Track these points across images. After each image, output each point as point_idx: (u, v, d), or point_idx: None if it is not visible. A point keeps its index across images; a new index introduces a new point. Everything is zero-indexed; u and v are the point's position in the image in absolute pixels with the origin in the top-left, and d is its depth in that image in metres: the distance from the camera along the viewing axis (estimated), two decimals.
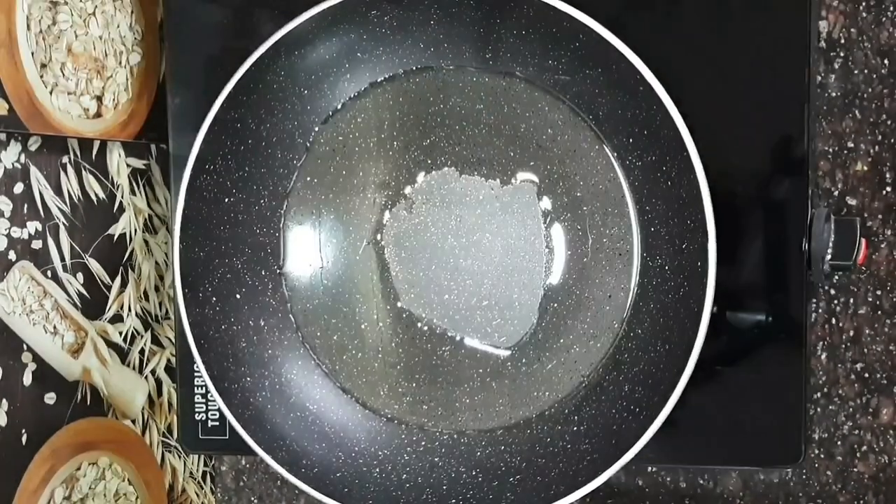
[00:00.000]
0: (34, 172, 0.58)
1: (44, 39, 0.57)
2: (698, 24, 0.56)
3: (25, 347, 0.57)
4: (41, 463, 0.58)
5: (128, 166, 0.64)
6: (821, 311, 0.62)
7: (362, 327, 0.59)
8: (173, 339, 0.66)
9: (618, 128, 0.54)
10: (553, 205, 0.56)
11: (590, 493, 0.52)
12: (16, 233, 0.57)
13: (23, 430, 0.57)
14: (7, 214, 0.56)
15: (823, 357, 0.62)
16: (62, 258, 0.60)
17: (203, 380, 0.57)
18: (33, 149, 0.58)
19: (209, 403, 0.63)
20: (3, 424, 0.56)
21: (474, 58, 0.56)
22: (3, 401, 0.56)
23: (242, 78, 0.54)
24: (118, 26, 0.62)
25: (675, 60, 0.55)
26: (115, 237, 0.64)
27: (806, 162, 0.55)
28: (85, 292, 0.61)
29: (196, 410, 0.63)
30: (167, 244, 0.67)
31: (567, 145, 0.56)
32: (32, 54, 0.56)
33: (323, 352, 0.59)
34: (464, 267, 0.58)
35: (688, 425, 0.57)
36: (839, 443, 0.62)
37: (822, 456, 0.62)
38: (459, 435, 0.58)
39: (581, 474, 0.53)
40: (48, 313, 0.59)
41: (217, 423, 0.63)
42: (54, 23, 0.58)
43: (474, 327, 0.58)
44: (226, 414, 0.56)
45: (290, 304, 0.59)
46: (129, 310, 0.64)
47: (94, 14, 0.60)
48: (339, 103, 0.58)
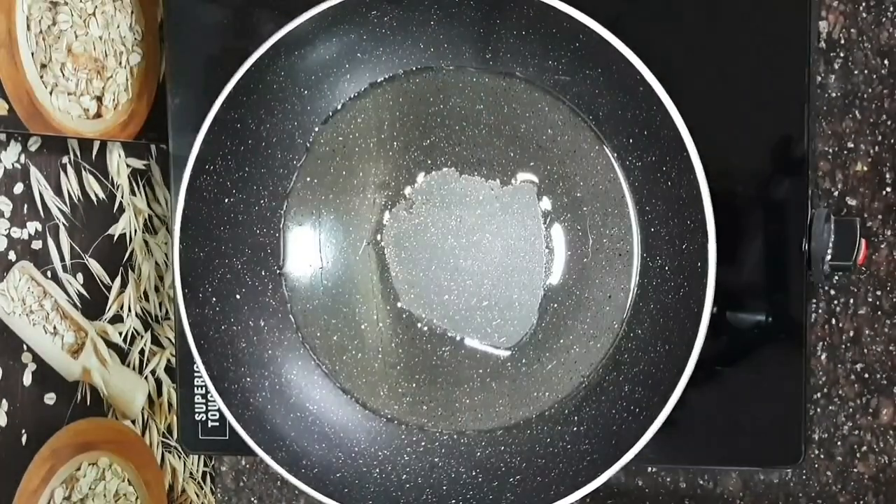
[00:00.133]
0: (34, 173, 0.58)
1: (44, 40, 0.57)
2: (698, 25, 0.56)
3: (25, 348, 0.57)
4: (41, 463, 0.58)
5: (128, 166, 0.64)
6: (821, 311, 0.62)
7: (362, 328, 0.59)
8: (173, 340, 0.66)
9: (618, 128, 0.54)
10: (553, 205, 0.56)
11: (590, 494, 0.52)
12: (16, 233, 0.57)
13: (23, 431, 0.57)
14: (7, 214, 0.56)
15: (823, 357, 0.62)
16: (62, 258, 0.60)
17: (203, 380, 0.56)
18: (33, 149, 0.58)
19: (209, 403, 0.63)
20: (3, 424, 0.56)
21: (474, 58, 0.56)
22: (3, 401, 0.56)
23: (242, 78, 0.54)
24: (118, 26, 0.62)
25: (675, 60, 0.55)
26: (115, 237, 0.63)
27: (806, 162, 0.55)
28: (85, 293, 0.61)
29: (196, 410, 0.63)
30: (167, 244, 0.67)
31: (567, 146, 0.56)
32: (32, 54, 0.56)
33: (323, 352, 0.59)
34: (464, 267, 0.58)
35: (688, 425, 0.57)
36: (839, 443, 0.62)
37: (822, 456, 0.62)
38: (459, 435, 0.58)
39: (581, 474, 0.53)
40: (48, 313, 0.59)
41: (217, 424, 0.63)
42: (54, 23, 0.58)
43: (474, 328, 0.58)
44: (226, 414, 0.56)
45: (290, 304, 0.59)
46: (129, 310, 0.64)
47: (94, 14, 0.60)
48: (339, 104, 0.58)
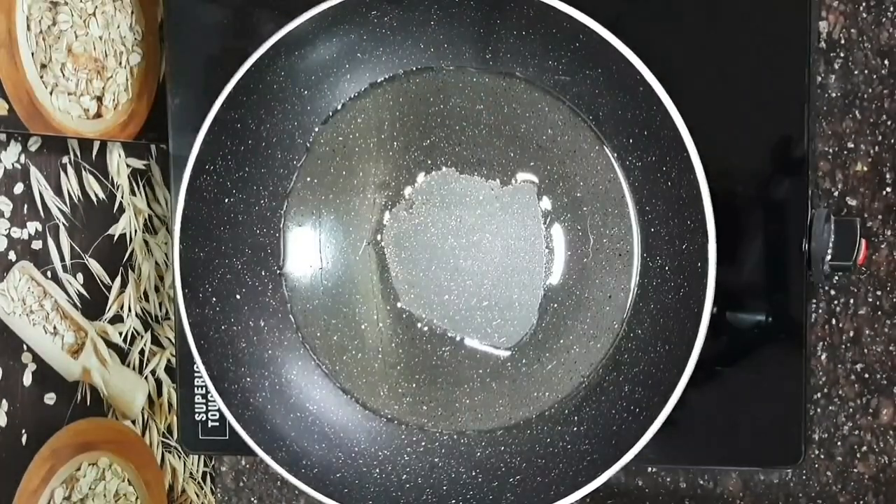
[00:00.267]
0: (34, 173, 0.58)
1: (44, 40, 0.57)
2: (698, 25, 0.56)
3: (25, 348, 0.57)
4: (41, 463, 0.58)
5: (128, 166, 0.64)
6: (821, 311, 0.62)
7: (362, 328, 0.59)
8: (173, 340, 0.66)
9: (618, 128, 0.54)
10: (553, 205, 0.56)
11: (590, 494, 0.52)
12: (16, 233, 0.57)
13: (23, 431, 0.57)
14: (7, 215, 0.56)
15: (823, 357, 0.62)
16: (62, 258, 0.60)
17: (203, 380, 0.56)
18: (33, 149, 0.58)
19: (209, 404, 0.63)
20: (3, 425, 0.56)
21: (474, 58, 0.56)
22: (3, 401, 0.56)
23: (242, 78, 0.54)
24: (118, 26, 0.62)
25: (675, 60, 0.55)
26: (115, 237, 0.63)
27: (806, 162, 0.55)
28: (85, 293, 0.61)
29: (196, 411, 0.63)
30: (167, 244, 0.67)
31: (567, 146, 0.56)
32: (32, 54, 0.56)
33: (323, 352, 0.59)
34: (464, 267, 0.58)
35: (688, 425, 0.57)
36: (839, 443, 0.62)
37: (822, 456, 0.62)
38: (459, 435, 0.58)
39: (581, 475, 0.53)
40: (48, 314, 0.59)
41: (217, 424, 0.63)
42: (54, 23, 0.58)
43: (474, 328, 0.58)
44: (226, 414, 0.56)
45: (290, 304, 0.59)
46: (129, 310, 0.64)
47: (94, 14, 0.60)
48: (339, 104, 0.58)
